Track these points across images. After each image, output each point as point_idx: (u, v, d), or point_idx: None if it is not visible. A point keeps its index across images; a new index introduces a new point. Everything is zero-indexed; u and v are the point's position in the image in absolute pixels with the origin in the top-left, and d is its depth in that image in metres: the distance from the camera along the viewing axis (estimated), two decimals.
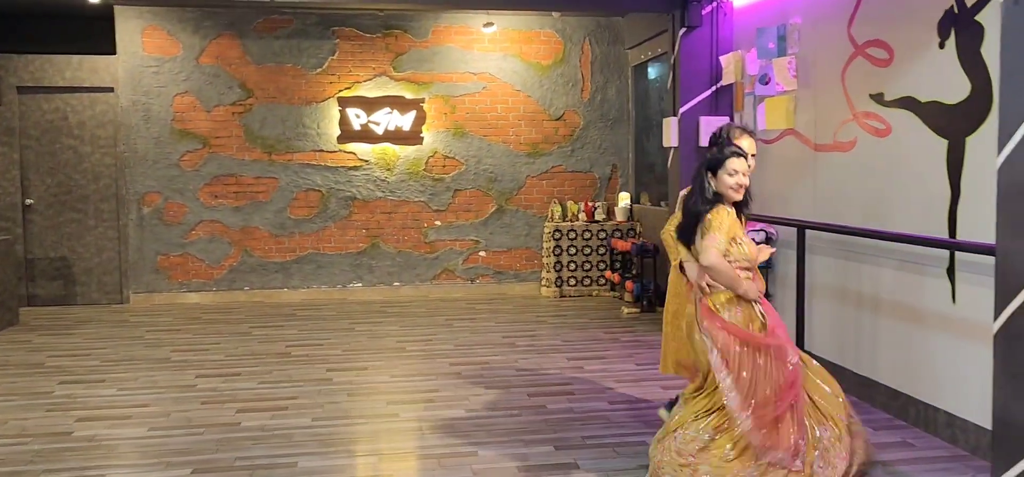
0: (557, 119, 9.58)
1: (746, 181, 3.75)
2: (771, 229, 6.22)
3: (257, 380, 5.82)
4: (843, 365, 5.32)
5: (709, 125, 6.90)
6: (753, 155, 4.16)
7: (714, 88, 6.97)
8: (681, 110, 6.99)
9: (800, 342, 5.31)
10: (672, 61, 7.20)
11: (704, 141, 6.88)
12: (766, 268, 6.29)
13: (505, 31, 9.36)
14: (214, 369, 6.14)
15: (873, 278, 5.04)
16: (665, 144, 7.29)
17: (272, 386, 5.67)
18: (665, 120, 7.27)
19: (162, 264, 9.01)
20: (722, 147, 3.93)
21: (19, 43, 8.80)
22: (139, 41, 8.79)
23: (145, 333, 7.46)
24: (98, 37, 8.83)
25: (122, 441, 4.58)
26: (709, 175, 3.75)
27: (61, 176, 8.80)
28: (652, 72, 9.26)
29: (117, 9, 8.66)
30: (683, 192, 4.30)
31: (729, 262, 3.65)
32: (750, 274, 3.73)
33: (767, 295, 6.23)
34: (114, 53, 8.76)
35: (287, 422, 4.87)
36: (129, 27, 8.77)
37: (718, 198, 3.73)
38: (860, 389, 5.15)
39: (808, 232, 5.41)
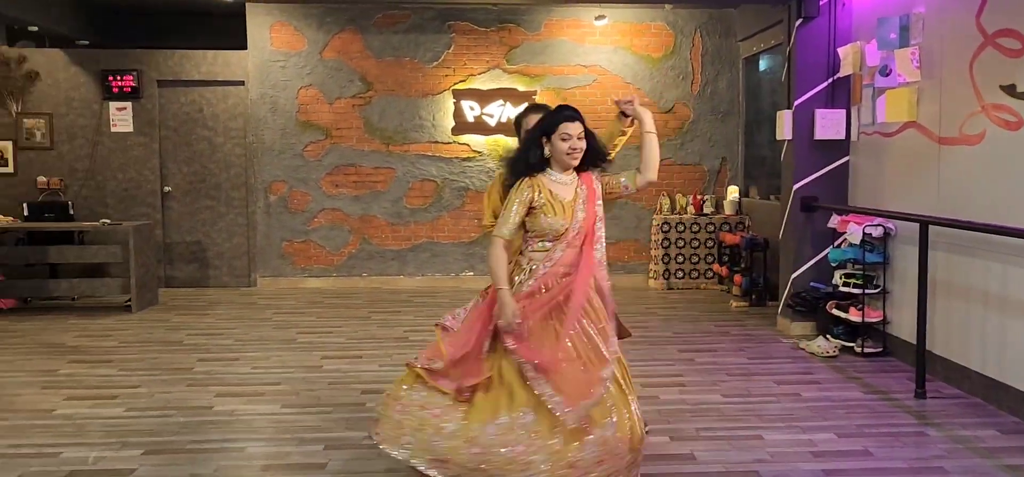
0: (667, 112, 9.57)
1: (581, 144, 3.49)
2: (889, 224, 6.09)
3: (378, 363, 6.11)
4: (968, 366, 5.19)
5: (825, 118, 6.79)
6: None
7: (831, 80, 6.84)
8: (796, 102, 6.89)
9: (921, 341, 5.20)
10: (787, 52, 7.10)
11: (820, 133, 6.78)
12: (883, 263, 6.17)
13: (616, 24, 9.41)
14: (338, 351, 6.47)
15: (1000, 276, 4.89)
16: (779, 137, 7.20)
17: (392, 369, 5.92)
18: (779, 113, 7.17)
19: (287, 250, 9.49)
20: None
21: (160, 39, 9.44)
22: (268, 36, 9.26)
23: (272, 315, 7.90)
24: (231, 33, 9.36)
25: (258, 417, 4.90)
26: (544, 140, 3.51)
27: (196, 165, 9.38)
28: (763, 64, 9.14)
29: (248, 6, 9.15)
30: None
31: (534, 236, 3.51)
32: (554, 247, 3.47)
33: (884, 291, 6.13)
34: (245, 48, 9.26)
35: None
36: (259, 23, 9.25)
37: (543, 165, 3.53)
38: (986, 391, 5.01)
39: (930, 228, 5.28)
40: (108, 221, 8.37)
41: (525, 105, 4.31)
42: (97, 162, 9.25)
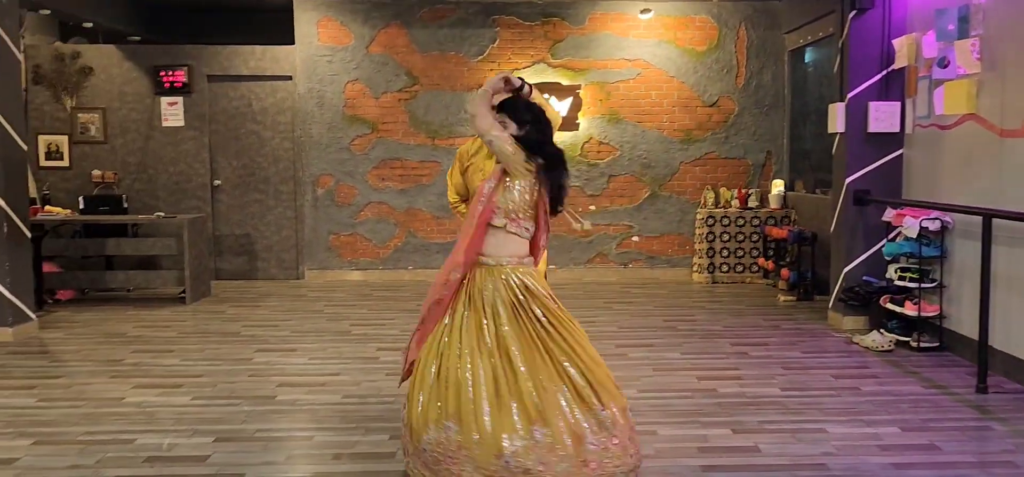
0: (711, 105, 9.55)
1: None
2: (947, 217, 6.05)
3: None
4: None
5: (878, 110, 6.75)
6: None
7: (885, 72, 6.79)
8: (849, 95, 6.86)
9: (983, 335, 5.16)
10: (840, 44, 7.06)
11: (873, 126, 6.75)
12: (940, 257, 6.12)
13: (660, 18, 9.40)
14: (392, 343, 6.54)
15: None
16: (830, 130, 7.16)
17: None
18: (831, 106, 7.13)
19: (334, 243, 9.60)
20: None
21: (209, 35, 9.58)
22: (315, 32, 9.36)
23: (324, 307, 8.01)
24: (279, 28, 9.48)
25: (321, 407, 4.98)
26: None
27: (245, 159, 9.52)
28: (809, 56, 9.08)
29: (296, 2, 9.26)
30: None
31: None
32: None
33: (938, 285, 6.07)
34: (293, 43, 9.37)
35: None
36: (306, 18, 9.35)
37: None
38: None
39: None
40: (163, 214, 8.53)
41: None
42: (149, 156, 9.41)
